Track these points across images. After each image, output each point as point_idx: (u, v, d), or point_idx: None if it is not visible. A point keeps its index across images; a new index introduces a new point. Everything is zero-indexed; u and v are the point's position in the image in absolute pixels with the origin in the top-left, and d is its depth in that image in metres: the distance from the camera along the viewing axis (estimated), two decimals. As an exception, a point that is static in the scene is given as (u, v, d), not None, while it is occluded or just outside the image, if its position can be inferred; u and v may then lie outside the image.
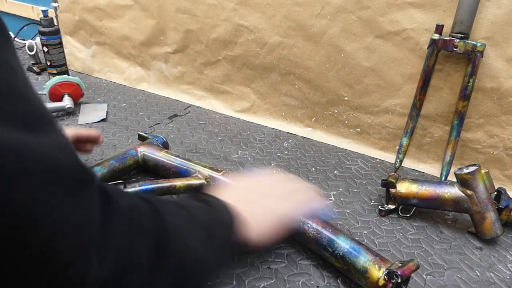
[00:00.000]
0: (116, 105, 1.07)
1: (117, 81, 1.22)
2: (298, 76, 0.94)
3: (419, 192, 0.66)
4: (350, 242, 0.53)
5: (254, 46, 0.96)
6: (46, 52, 1.10)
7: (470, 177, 0.62)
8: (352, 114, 0.92)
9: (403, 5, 0.77)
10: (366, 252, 0.52)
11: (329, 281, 0.55)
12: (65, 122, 0.96)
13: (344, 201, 0.73)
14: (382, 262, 0.50)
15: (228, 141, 0.92)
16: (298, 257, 0.59)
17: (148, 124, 0.98)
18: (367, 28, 0.82)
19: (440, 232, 0.67)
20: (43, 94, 1.09)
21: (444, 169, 0.80)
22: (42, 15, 1.06)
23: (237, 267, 0.56)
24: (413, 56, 0.80)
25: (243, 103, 1.05)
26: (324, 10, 0.85)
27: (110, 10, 1.13)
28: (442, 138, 0.83)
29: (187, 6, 1.01)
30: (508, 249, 0.64)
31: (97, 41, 1.21)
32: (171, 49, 1.09)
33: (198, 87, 1.11)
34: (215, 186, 0.51)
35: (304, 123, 0.99)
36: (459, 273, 0.59)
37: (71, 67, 1.28)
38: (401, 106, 0.85)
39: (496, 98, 0.75)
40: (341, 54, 0.87)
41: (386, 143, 0.90)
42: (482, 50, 0.71)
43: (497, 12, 0.70)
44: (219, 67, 1.05)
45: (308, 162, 0.86)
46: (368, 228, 0.67)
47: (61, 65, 1.13)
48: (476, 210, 0.63)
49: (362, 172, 0.84)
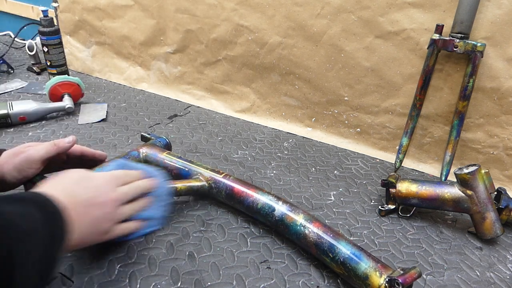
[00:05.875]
0: (116, 105, 1.07)
1: (117, 81, 1.22)
2: (298, 76, 0.94)
3: (419, 192, 0.66)
4: (351, 248, 0.52)
5: (254, 46, 0.96)
6: (46, 52, 1.10)
7: (470, 177, 0.62)
8: (352, 114, 0.92)
9: (403, 5, 0.77)
10: (367, 258, 0.51)
11: (329, 281, 0.55)
12: (65, 122, 0.96)
13: (344, 201, 0.73)
14: (384, 269, 0.49)
15: (228, 141, 0.92)
16: (298, 257, 0.59)
17: (148, 124, 0.98)
18: (367, 28, 0.82)
19: (440, 232, 0.67)
20: (43, 94, 1.09)
21: (444, 169, 0.80)
22: (42, 15, 1.06)
23: (237, 267, 0.56)
24: (413, 56, 0.80)
25: (243, 103, 1.05)
26: (324, 10, 0.85)
27: (110, 10, 1.13)
28: (442, 138, 0.83)
29: (187, 6, 1.01)
30: (508, 249, 0.64)
31: (97, 41, 1.21)
32: (171, 49, 1.09)
33: (198, 87, 1.11)
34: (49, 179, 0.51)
35: (304, 123, 0.99)
36: (459, 273, 0.59)
37: (71, 67, 1.28)
38: (401, 106, 0.85)
39: (496, 98, 0.75)
40: (341, 54, 0.87)
41: (386, 143, 0.90)
42: (482, 50, 0.71)
43: (497, 12, 0.70)
44: (219, 67, 1.05)
45: (308, 162, 0.86)
46: (368, 228, 0.67)
47: (61, 65, 1.14)
48: (476, 210, 0.63)
49: (362, 172, 0.84)
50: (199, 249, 0.59)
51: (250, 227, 0.64)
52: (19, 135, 0.89)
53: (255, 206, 0.62)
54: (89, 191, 0.50)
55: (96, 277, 0.53)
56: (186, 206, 0.68)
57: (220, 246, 0.60)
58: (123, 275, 0.53)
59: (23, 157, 0.59)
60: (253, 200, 0.62)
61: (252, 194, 0.63)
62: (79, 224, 0.46)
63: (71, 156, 0.68)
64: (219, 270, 0.55)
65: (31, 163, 0.59)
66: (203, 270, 0.55)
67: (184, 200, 0.70)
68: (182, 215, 0.66)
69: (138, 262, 0.55)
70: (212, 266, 0.56)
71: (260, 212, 0.61)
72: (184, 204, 0.69)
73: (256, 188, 0.64)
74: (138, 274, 0.54)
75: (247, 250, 0.60)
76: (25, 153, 0.60)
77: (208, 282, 0.53)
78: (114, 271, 0.54)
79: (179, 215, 0.66)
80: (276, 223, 0.60)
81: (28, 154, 0.60)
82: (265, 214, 0.61)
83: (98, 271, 0.53)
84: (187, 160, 0.71)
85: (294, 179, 0.79)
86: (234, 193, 0.64)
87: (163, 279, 0.53)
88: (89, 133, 0.91)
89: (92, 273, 0.53)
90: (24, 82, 1.17)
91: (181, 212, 0.67)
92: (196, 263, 0.56)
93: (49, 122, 0.96)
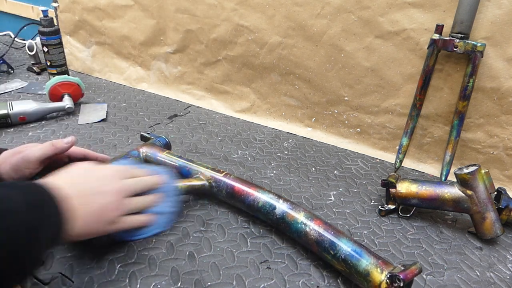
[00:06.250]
0: (116, 105, 1.07)
1: (117, 81, 1.22)
2: (298, 76, 0.94)
3: (419, 192, 0.66)
4: (352, 245, 0.53)
5: (254, 46, 0.96)
6: (46, 52, 1.10)
7: (470, 177, 0.62)
8: (352, 114, 0.92)
9: (403, 5, 0.77)
10: (368, 255, 0.51)
11: (329, 281, 0.55)
12: (65, 122, 0.96)
13: (344, 201, 0.73)
14: (385, 266, 0.49)
15: (228, 141, 0.92)
16: (298, 257, 0.59)
17: (148, 124, 0.98)
18: (367, 28, 0.82)
19: (440, 232, 0.67)
20: (43, 94, 1.09)
21: (444, 169, 0.80)
22: (42, 15, 1.06)
23: (237, 267, 0.56)
24: (413, 56, 0.80)
25: (243, 103, 1.05)
26: (324, 10, 0.85)
27: (110, 10, 1.13)
28: (442, 138, 0.83)
29: (187, 6, 1.01)
30: (508, 249, 0.64)
31: (97, 41, 1.21)
32: (171, 49, 1.09)
33: (198, 87, 1.11)
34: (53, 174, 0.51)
35: (304, 123, 0.99)
36: (459, 273, 0.59)
37: (71, 67, 1.28)
38: (401, 106, 0.85)
39: (496, 98, 0.75)
40: (341, 54, 0.87)
41: (386, 143, 0.90)
42: (482, 50, 0.71)
43: (497, 12, 0.70)
44: (219, 67, 1.05)
45: (308, 162, 0.86)
46: (368, 228, 0.67)
47: (61, 65, 1.13)
48: (476, 210, 0.63)
49: (362, 172, 0.84)
50: (199, 249, 0.59)
51: (250, 227, 0.64)
52: (19, 135, 0.89)
53: (256, 205, 0.62)
54: (93, 180, 0.51)
55: (96, 277, 0.53)
56: (186, 206, 0.68)
57: (220, 246, 0.60)
58: (123, 275, 0.53)
59: (19, 157, 0.59)
60: (254, 198, 0.62)
61: (253, 192, 0.63)
62: (83, 212, 0.46)
63: (74, 159, 0.68)
64: (219, 270, 0.55)
65: (27, 163, 0.59)
66: (203, 270, 0.55)
67: (184, 200, 0.70)
68: (182, 215, 0.66)
69: (138, 262, 0.55)
70: (212, 266, 0.56)
71: (261, 211, 0.61)
72: (184, 204, 0.69)
73: (256, 187, 0.64)
74: (138, 274, 0.54)
75: (247, 250, 0.60)
76: (22, 153, 0.60)
77: (208, 282, 0.53)
78: (114, 271, 0.54)
79: (179, 215, 0.66)
80: (277, 221, 0.60)
81: (25, 154, 0.60)
82: (266, 212, 0.61)
83: (98, 271, 0.53)
84: (187, 160, 0.71)
85: (294, 179, 0.79)
86: (235, 191, 0.64)
87: (163, 279, 0.53)
88: (89, 133, 0.91)
89: (92, 273, 0.53)
90: (24, 82, 1.17)
91: (181, 212, 0.67)
92: (196, 263, 0.56)
93: (49, 122, 0.96)
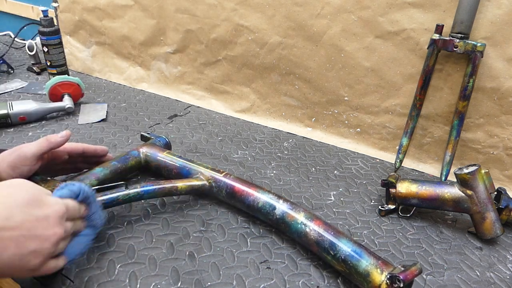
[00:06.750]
0: (116, 105, 1.07)
1: (117, 81, 1.22)
2: (298, 76, 0.94)
3: (419, 192, 0.66)
4: (352, 245, 0.53)
5: (254, 46, 0.96)
6: (46, 52, 1.10)
7: (470, 177, 0.62)
8: (352, 114, 0.92)
9: (403, 5, 0.77)
10: (368, 255, 0.51)
11: (329, 281, 0.55)
12: (65, 122, 0.96)
13: (344, 201, 0.73)
14: (385, 266, 0.49)
15: (228, 141, 0.92)
16: (298, 257, 0.59)
17: (148, 124, 0.98)
18: (367, 28, 0.82)
19: (440, 232, 0.67)
20: (43, 94, 1.09)
21: (444, 169, 0.80)
22: (42, 15, 1.06)
23: (237, 267, 0.56)
24: (413, 56, 0.80)
25: (243, 103, 1.05)
26: (324, 10, 0.85)
27: (110, 10, 1.13)
28: (442, 138, 0.83)
29: (187, 6, 1.01)
30: (508, 249, 0.64)
31: (97, 41, 1.21)
32: (171, 49, 1.09)
33: (198, 87, 1.11)
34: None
35: (304, 123, 0.99)
36: (459, 273, 0.59)
37: (71, 67, 1.28)
38: (401, 106, 0.85)
39: (496, 98, 0.75)
40: (341, 54, 0.87)
41: (386, 143, 0.90)
42: (482, 50, 0.71)
43: (497, 12, 0.70)
44: (219, 67, 1.05)
45: (308, 162, 0.86)
46: (368, 228, 0.67)
47: (61, 65, 1.13)
48: (476, 210, 0.63)
49: (362, 172, 0.84)
50: (199, 249, 0.59)
51: (250, 227, 0.64)
52: (19, 135, 0.89)
53: (256, 205, 0.62)
54: (34, 219, 0.42)
55: (96, 277, 0.53)
56: (186, 206, 0.68)
57: (220, 246, 0.60)
58: (123, 275, 0.53)
59: (16, 154, 0.60)
60: (254, 198, 0.62)
61: (253, 193, 0.63)
62: (8, 254, 0.40)
63: (73, 155, 0.68)
64: (219, 270, 0.55)
65: (24, 160, 0.60)
66: (203, 270, 0.55)
67: (184, 200, 0.70)
68: (182, 215, 0.66)
69: (138, 262, 0.55)
70: (212, 266, 0.56)
71: (261, 211, 0.61)
72: (184, 204, 0.69)
73: (256, 187, 0.64)
74: (138, 274, 0.54)
75: (247, 250, 0.60)
76: (18, 150, 0.60)
77: (208, 282, 0.53)
78: (114, 271, 0.54)
79: (179, 215, 0.66)
80: (277, 221, 0.60)
81: (21, 151, 0.60)
82: (266, 212, 0.61)
83: (98, 271, 0.53)
84: (187, 159, 0.71)
85: (294, 179, 0.79)
86: (235, 192, 0.64)
87: (163, 279, 0.53)
88: (89, 133, 0.91)
89: (92, 273, 0.53)
90: (24, 82, 1.17)
91: (181, 212, 0.67)
92: (196, 263, 0.56)
93: (49, 122, 0.96)
